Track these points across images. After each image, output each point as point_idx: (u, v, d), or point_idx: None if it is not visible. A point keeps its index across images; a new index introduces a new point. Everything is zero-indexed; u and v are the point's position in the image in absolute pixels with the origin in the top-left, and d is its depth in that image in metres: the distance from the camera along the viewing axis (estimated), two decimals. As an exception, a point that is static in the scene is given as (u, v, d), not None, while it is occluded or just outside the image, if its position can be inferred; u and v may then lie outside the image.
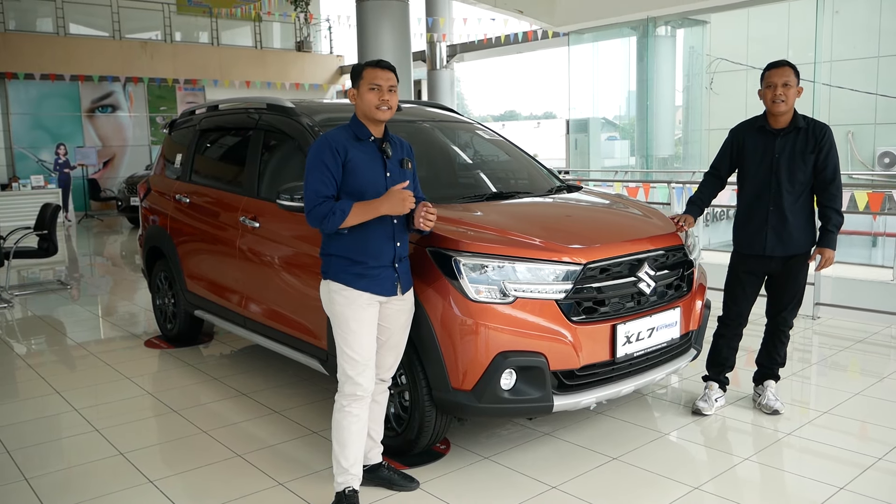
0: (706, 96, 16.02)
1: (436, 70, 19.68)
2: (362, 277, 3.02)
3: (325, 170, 2.97)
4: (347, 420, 3.04)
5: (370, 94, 3.02)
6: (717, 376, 4.23)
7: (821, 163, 3.85)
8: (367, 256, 3.02)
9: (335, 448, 3.08)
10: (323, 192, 2.96)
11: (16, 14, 17.34)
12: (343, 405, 3.06)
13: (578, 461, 3.57)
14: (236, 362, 5.34)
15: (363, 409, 3.07)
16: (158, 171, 5.99)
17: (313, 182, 2.98)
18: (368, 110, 3.03)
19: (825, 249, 3.89)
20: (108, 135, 18.41)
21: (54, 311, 7.31)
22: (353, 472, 3.08)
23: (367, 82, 3.03)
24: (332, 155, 2.98)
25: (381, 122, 3.09)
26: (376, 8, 10.64)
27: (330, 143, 3.01)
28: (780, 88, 3.80)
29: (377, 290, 3.04)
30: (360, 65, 3.11)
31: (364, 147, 3.07)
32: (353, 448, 3.06)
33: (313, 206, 2.96)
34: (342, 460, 3.06)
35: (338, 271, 3.05)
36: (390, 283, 3.07)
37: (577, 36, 15.55)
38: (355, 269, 3.02)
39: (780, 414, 4.07)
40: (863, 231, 10.93)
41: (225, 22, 20.27)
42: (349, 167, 3.00)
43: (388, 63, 3.10)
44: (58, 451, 3.88)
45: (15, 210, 13.56)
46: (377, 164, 3.07)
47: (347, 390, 3.04)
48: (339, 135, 3.06)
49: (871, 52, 13.92)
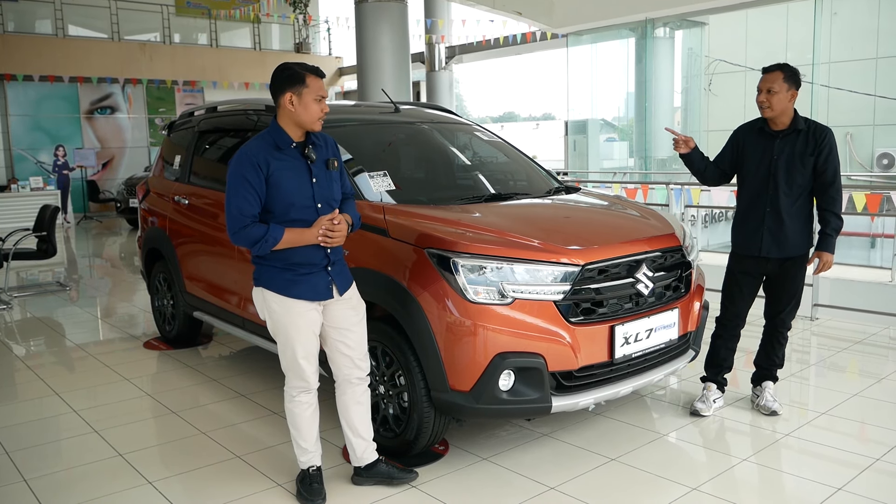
0: (705, 98, 16.03)
1: (434, 71, 19.70)
2: (294, 284, 3.01)
3: (248, 186, 2.91)
4: (299, 409, 3.18)
5: (315, 105, 2.96)
6: (715, 377, 4.24)
7: (820, 165, 3.82)
8: (296, 263, 3.01)
9: (292, 433, 3.23)
10: (248, 210, 2.92)
11: (15, 15, 17.33)
12: (293, 395, 3.19)
13: (577, 462, 3.58)
14: (235, 363, 5.34)
15: (313, 397, 3.20)
16: (157, 173, 6.00)
17: (237, 200, 2.91)
18: (310, 120, 2.97)
19: (823, 253, 3.87)
20: (106, 136, 18.41)
21: (53, 313, 7.31)
22: (311, 449, 3.23)
23: (313, 92, 2.96)
24: (255, 170, 2.91)
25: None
26: (375, 9, 10.65)
27: (250, 158, 2.93)
28: (763, 95, 3.81)
29: (311, 295, 3.04)
30: (298, 71, 2.97)
31: (285, 156, 3.00)
32: (309, 430, 3.21)
33: (240, 228, 2.91)
34: (301, 442, 3.22)
35: (269, 279, 3.04)
36: (324, 287, 3.07)
37: (576, 37, 15.57)
38: (286, 275, 3.01)
39: (778, 415, 4.08)
40: (861, 232, 10.94)
41: (224, 23, 20.28)
42: (272, 181, 2.94)
43: (323, 72, 3.06)
44: (57, 453, 3.88)
45: (14, 211, 13.56)
46: (301, 171, 3.02)
47: (295, 384, 3.16)
48: (258, 147, 2.98)
49: (869, 54, 13.94)
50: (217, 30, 20.32)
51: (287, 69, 3.00)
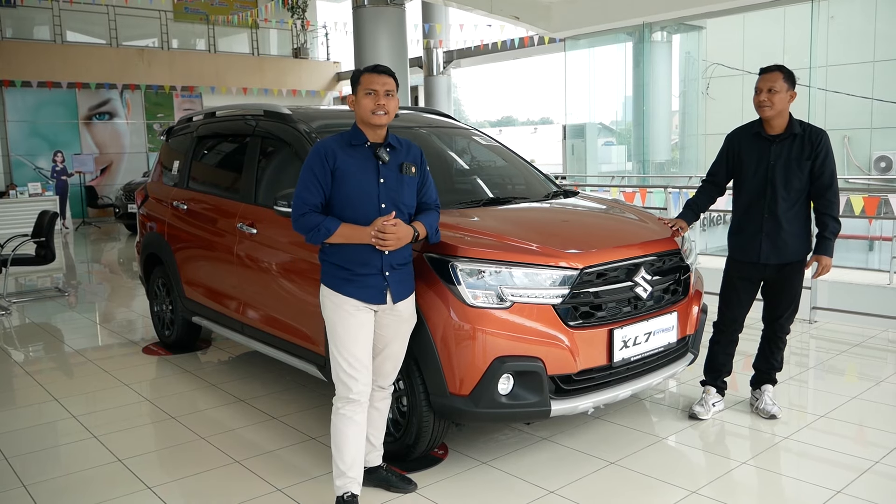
0: (702, 101, 16.04)
1: (432, 76, 19.73)
2: (348, 283, 3.02)
3: (313, 176, 2.99)
4: (343, 423, 3.04)
5: (366, 100, 3.01)
6: (714, 381, 4.24)
7: (817, 169, 3.82)
8: (353, 263, 3.02)
9: (333, 451, 3.08)
10: (308, 199, 2.98)
11: (13, 21, 17.36)
12: (339, 408, 3.07)
13: (576, 466, 3.58)
14: (234, 368, 5.34)
15: (359, 412, 3.07)
16: (156, 178, 6.00)
17: (301, 188, 3.01)
18: (365, 115, 3.02)
19: (822, 257, 3.86)
20: (105, 142, 18.42)
21: (52, 319, 7.30)
22: (350, 475, 3.06)
23: (363, 87, 3.02)
24: (321, 162, 2.99)
25: (379, 127, 3.06)
26: (373, 14, 10.68)
27: (320, 151, 3.02)
28: (764, 94, 3.79)
29: (363, 296, 3.03)
30: (358, 70, 3.10)
31: (357, 153, 3.04)
32: (350, 451, 3.05)
33: (300, 215, 2.99)
34: (339, 463, 3.06)
35: (327, 276, 3.08)
36: (377, 291, 3.04)
37: (573, 42, 15.60)
38: (342, 274, 3.03)
39: (776, 418, 4.08)
40: (859, 235, 10.96)
41: (222, 29, 20.31)
42: (337, 174, 2.99)
43: (385, 67, 3.09)
44: (56, 458, 3.88)
45: (12, 217, 13.56)
46: (369, 170, 3.03)
47: (341, 393, 3.06)
48: (332, 142, 3.06)
49: (866, 57, 13.96)
50: (215, 35, 20.35)
51: (353, 73, 3.13)
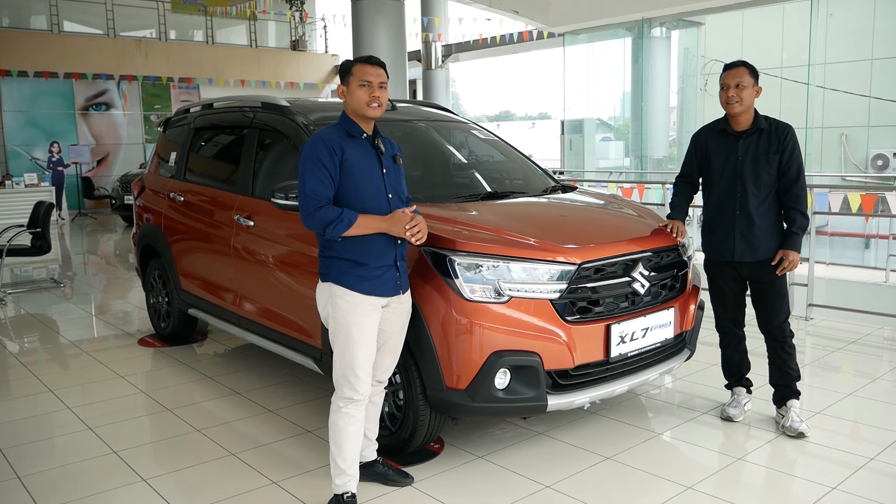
0: (701, 97, 16.04)
1: (431, 70, 19.72)
2: (366, 280, 2.95)
3: (323, 169, 2.89)
4: (344, 421, 3.02)
5: (361, 91, 2.97)
6: (739, 382, 4.15)
7: (784, 163, 3.77)
8: (371, 257, 2.95)
9: (332, 449, 3.05)
10: (322, 192, 2.88)
11: (9, 11, 17.28)
12: (340, 406, 3.03)
13: (572, 460, 3.58)
14: (230, 361, 5.33)
15: (360, 410, 3.05)
16: (153, 170, 5.98)
17: (312, 182, 2.88)
18: (359, 107, 2.98)
19: (789, 252, 3.78)
20: (101, 133, 18.37)
21: (47, 310, 7.28)
22: (350, 472, 3.05)
23: (357, 79, 2.98)
24: (329, 153, 2.90)
25: (372, 120, 3.04)
26: (372, 7, 10.64)
27: (326, 142, 2.93)
28: (732, 90, 3.76)
29: (381, 292, 2.99)
30: (349, 61, 3.05)
31: (358, 144, 3.02)
32: (351, 449, 3.03)
33: (315, 209, 2.87)
34: (339, 461, 3.04)
35: (340, 274, 2.96)
36: (392, 284, 3.03)
37: (572, 37, 15.58)
38: (359, 271, 2.95)
39: (805, 437, 3.80)
40: (855, 233, 10.99)
41: (220, 20, 20.25)
42: (346, 166, 2.94)
43: (378, 59, 3.04)
44: (50, 450, 3.87)
45: (8, 208, 13.51)
46: (373, 161, 3.03)
47: (344, 393, 3.02)
48: (332, 133, 3.00)
49: (864, 55, 13.97)
50: (213, 26, 20.28)
51: (342, 63, 3.07)
